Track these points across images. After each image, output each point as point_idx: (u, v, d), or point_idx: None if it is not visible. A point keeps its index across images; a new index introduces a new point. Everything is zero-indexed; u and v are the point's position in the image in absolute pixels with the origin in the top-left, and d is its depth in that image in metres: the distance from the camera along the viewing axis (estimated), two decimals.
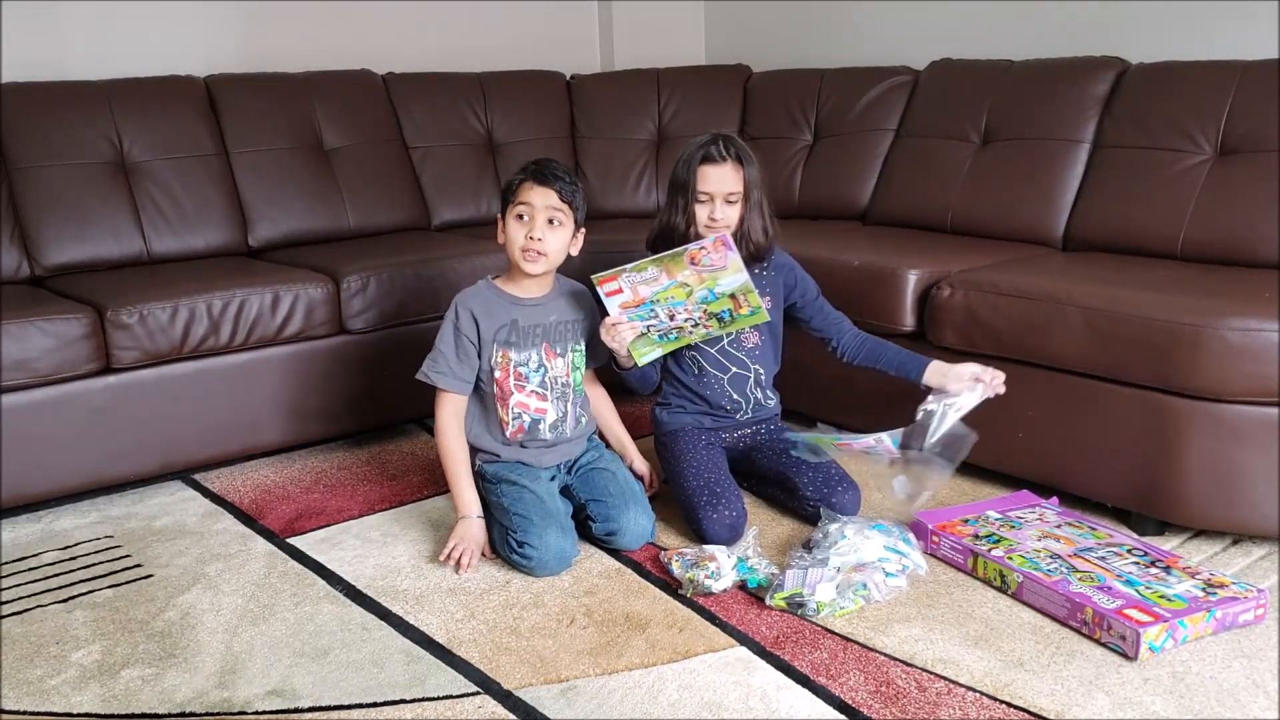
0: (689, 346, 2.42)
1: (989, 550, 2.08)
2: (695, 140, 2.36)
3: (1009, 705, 1.69)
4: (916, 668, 1.80)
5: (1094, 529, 2.17)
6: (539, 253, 2.21)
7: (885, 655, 1.84)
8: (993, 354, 2.40)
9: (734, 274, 2.18)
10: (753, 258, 2.38)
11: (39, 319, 2.39)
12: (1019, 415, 2.38)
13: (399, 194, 3.41)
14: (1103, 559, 2.03)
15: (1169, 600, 1.88)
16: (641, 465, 2.50)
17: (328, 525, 2.42)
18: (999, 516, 2.23)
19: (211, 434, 2.64)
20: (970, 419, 2.19)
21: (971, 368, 2.25)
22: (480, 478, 2.30)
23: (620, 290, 2.21)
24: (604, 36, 4.26)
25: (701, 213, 2.33)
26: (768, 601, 1.99)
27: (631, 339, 2.25)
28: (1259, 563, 2.13)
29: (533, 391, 2.27)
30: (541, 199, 2.19)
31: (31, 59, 3.10)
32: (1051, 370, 2.32)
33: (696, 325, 2.28)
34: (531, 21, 4.08)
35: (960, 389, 2.22)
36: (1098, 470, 2.27)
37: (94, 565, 2.26)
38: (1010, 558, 2.04)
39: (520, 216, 2.20)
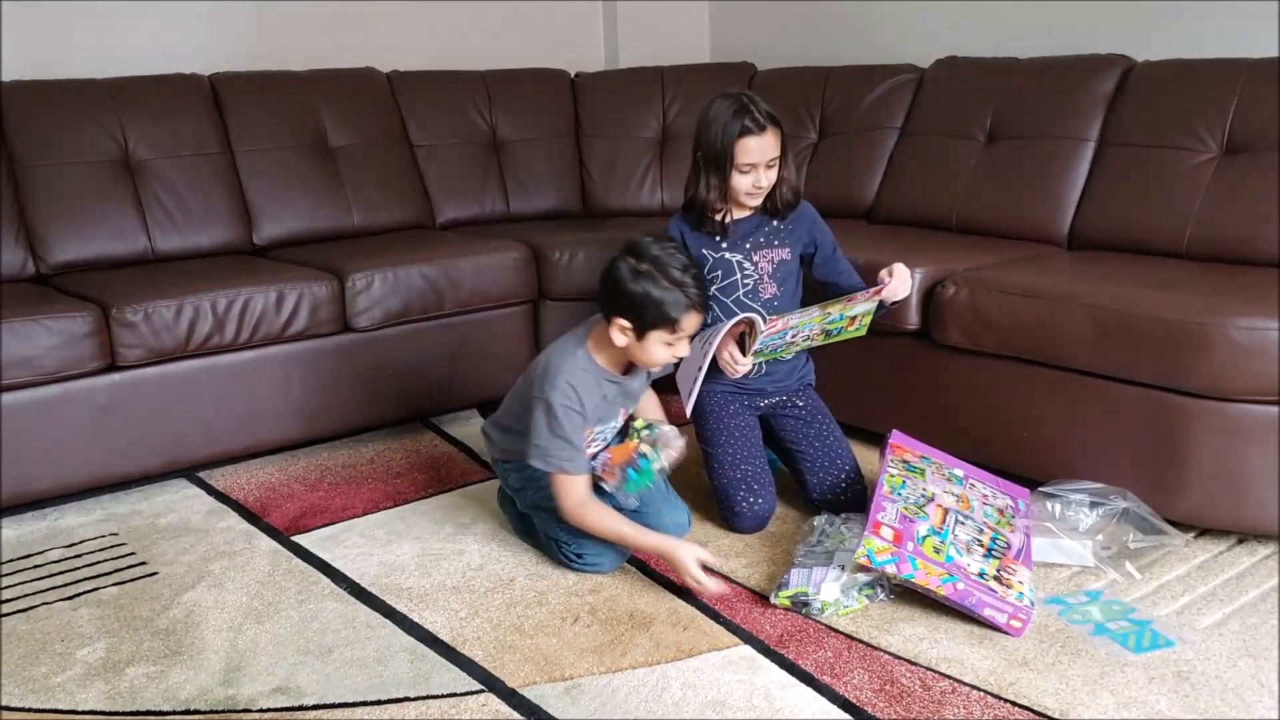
0: None
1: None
2: (720, 105, 2.29)
3: (1013, 704, 1.69)
4: (921, 666, 1.80)
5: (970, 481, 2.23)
6: None
7: (890, 654, 1.84)
8: (998, 352, 2.40)
9: (870, 304, 2.28)
10: (785, 209, 2.40)
11: (44, 317, 2.39)
12: (1024, 414, 2.38)
13: (403, 192, 3.41)
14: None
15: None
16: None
17: (332, 523, 2.42)
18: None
19: (216, 432, 2.64)
20: (974, 416, 2.18)
21: (885, 269, 2.32)
22: (506, 483, 2.26)
23: (777, 326, 2.23)
24: (609, 34, 4.25)
25: (744, 182, 2.31)
26: (772, 600, 1.99)
27: (739, 375, 2.29)
28: (1263, 562, 2.12)
29: (596, 442, 2.18)
30: (699, 324, 2.06)
31: (37, 57, 3.10)
32: (1057, 369, 2.31)
33: (808, 340, 2.34)
34: (536, 20, 4.08)
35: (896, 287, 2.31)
36: (1103, 469, 2.26)
37: (99, 563, 2.26)
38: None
39: (670, 344, 2.04)
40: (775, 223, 2.43)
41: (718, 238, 2.39)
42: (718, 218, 2.38)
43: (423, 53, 3.75)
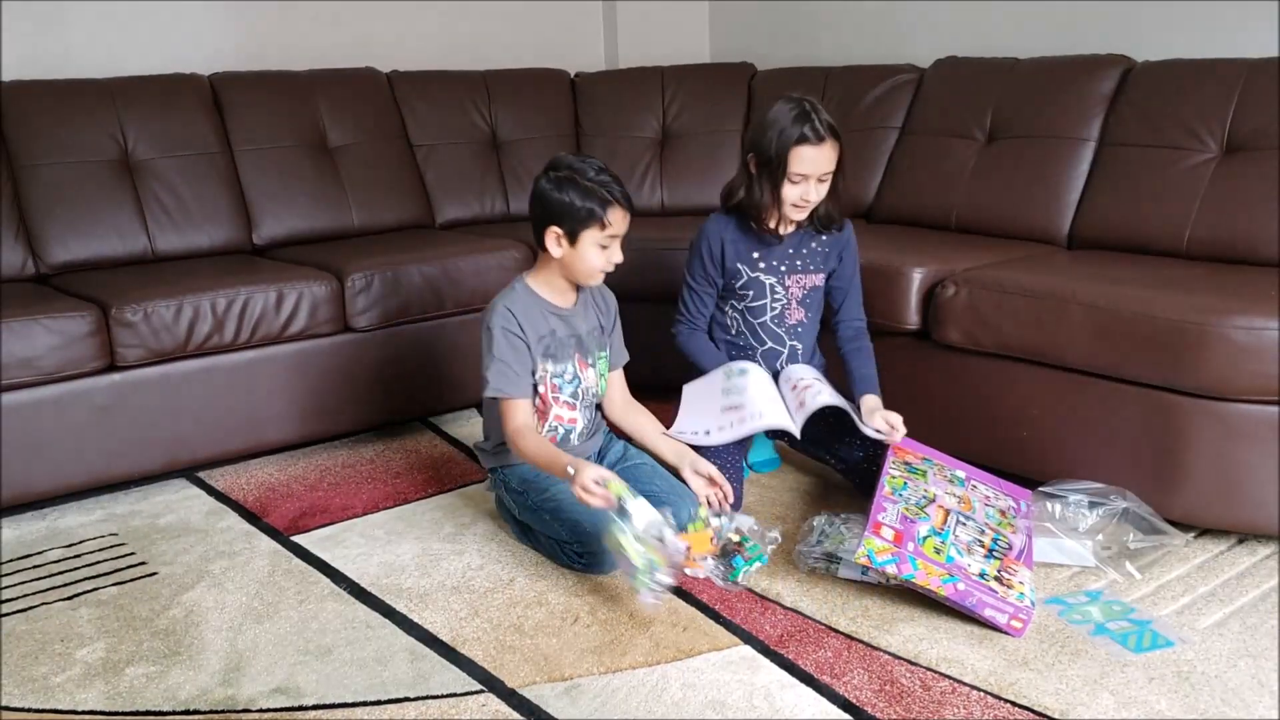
0: (733, 309, 2.45)
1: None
2: (782, 108, 2.24)
3: (1013, 704, 1.69)
4: (921, 666, 1.80)
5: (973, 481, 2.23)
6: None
7: (889, 654, 1.84)
8: (997, 352, 2.40)
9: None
10: (831, 225, 2.38)
11: (44, 317, 2.39)
12: (1023, 414, 2.38)
13: (403, 192, 3.41)
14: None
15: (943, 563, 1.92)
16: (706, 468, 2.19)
17: (332, 523, 2.42)
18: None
19: (216, 432, 2.64)
20: (973, 416, 2.18)
21: (883, 417, 2.26)
22: (506, 489, 2.25)
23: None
24: (608, 34, 4.26)
25: (793, 193, 2.27)
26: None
27: None
28: (1263, 562, 2.12)
29: (565, 402, 2.22)
30: (627, 224, 2.11)
31: (36, 57, 3.10)
32: (1056, 369, 2.32)
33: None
34: (536, 19, 4.08)
35: (868, 425, 2.26)
36: (1102, 469, 2.26)
37: (99, 563, 2.26)
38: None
39: (604, 246, 2.10)
40: (814, 244, 2.41)
41: (756, 254, 2.38)
42: (770, 225, 2.35)
43: (423, 53, 3.75)
